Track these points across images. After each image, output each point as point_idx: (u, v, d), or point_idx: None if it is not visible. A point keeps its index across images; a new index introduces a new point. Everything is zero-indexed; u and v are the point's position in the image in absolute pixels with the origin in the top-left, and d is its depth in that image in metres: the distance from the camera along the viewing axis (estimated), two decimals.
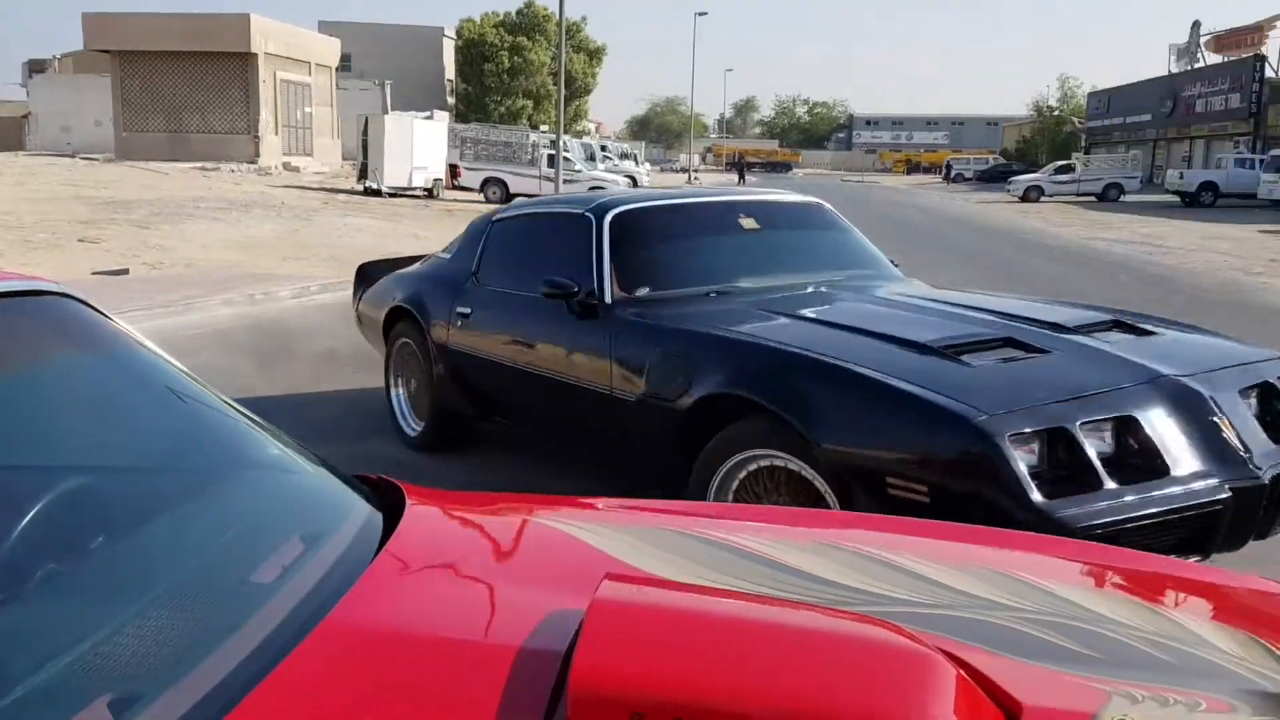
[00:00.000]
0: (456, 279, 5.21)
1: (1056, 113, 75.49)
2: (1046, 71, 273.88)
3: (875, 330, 3.51)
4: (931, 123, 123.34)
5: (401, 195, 26.99)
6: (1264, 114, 46.62)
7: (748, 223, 4.71)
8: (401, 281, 5.78)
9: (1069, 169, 43.16)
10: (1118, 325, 3.75)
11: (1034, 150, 71.85)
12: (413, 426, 5.59)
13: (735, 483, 3.42)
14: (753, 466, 3.37)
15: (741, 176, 60.78)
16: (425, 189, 28.08)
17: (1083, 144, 64.63)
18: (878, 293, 4.33)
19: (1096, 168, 43.90)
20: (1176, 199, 36.58)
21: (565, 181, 27.15)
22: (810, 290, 4.32)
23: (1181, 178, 38.09)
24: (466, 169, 29.90)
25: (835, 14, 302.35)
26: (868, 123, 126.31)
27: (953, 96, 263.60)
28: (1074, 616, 1.32)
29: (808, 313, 3.88)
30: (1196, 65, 55.40)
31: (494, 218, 5.29)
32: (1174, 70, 57.45)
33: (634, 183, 34.94)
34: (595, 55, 57.69)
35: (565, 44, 32.19)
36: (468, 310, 4.96)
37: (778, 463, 3.28)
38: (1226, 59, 51.74)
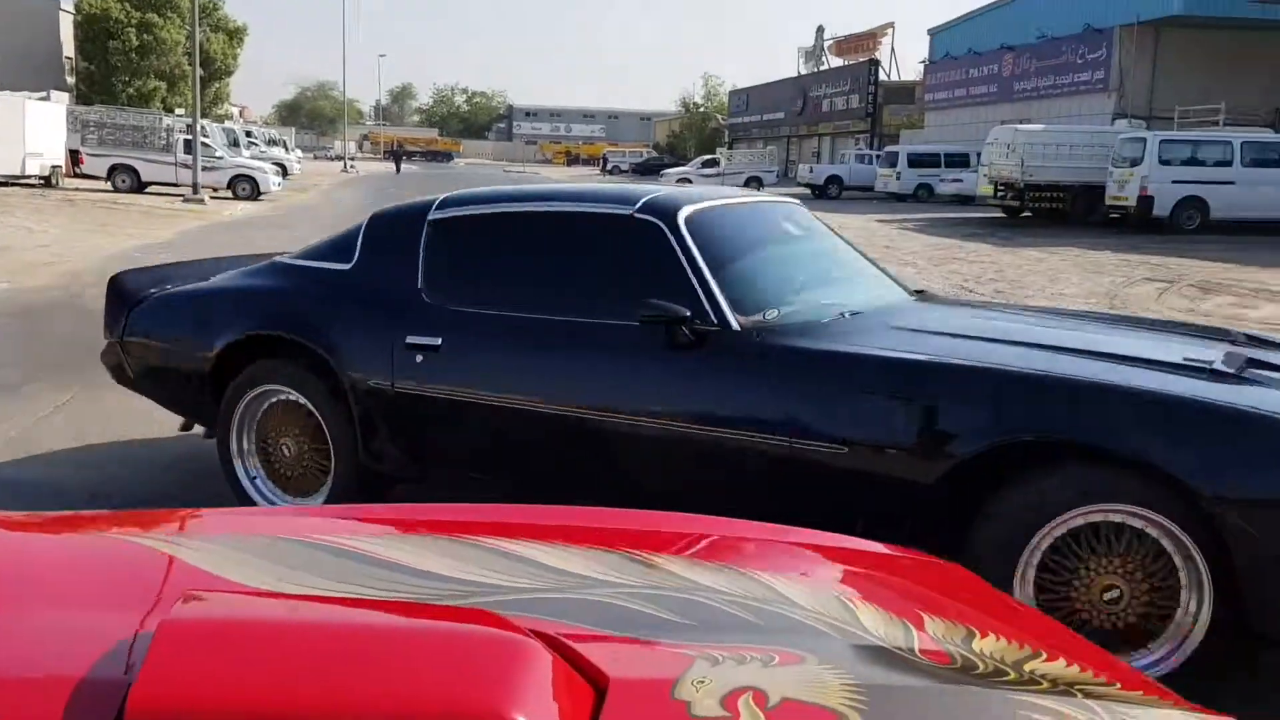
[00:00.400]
0: (387, 297, 3.92)
1: (702, 109, 79.91)
2: (694, 69, 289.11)
3: (1128, 355, 3.17)
4: (588, 115, 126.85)
5: (13, 184, 24.29)
6: (879, 114, 51.66)
7: (793, 228, 4.16)
8: (251, 300, 4.22)
9: (714, 163, 45.88)
10: (1249, 337, 3.81)
11: (684, 144, 75.63)
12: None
13: (1039, 553, 2.90)
14: (1061, 530, 2.88)
15: (398, 165, 60.01)
16: (42, 177, 25.46)
17: (726, 139, 68.84)
18: (991, 307, 4.28)
19: (738, 161, 46.93)
20: (808, 190, 39.78)
21: (205, 169, 25.49)
22: (944, 307, 4.03)
23: (811, 171, 41.60)
24: (90, 155, 27.31)
25: (493, 3, 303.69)
26: (527, 114, 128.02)
27: (608, 91, 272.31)
28: (674, 587, 1.37)
29: (1019, 336, 3.45)
30: (822, 68, 60.51)
31: (430, 215, 4.00)
32: (803, 72, 62.46)
33: (284, 171, 33.41)
34: (235, 35, 54.44)
35: (199, 22, 30.20)
36: (434, 341, 3.74)
37: (1116, 518, 2.83)
38: (847, 62, 56.87)
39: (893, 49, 57.38)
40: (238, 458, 4.19)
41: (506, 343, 3.69)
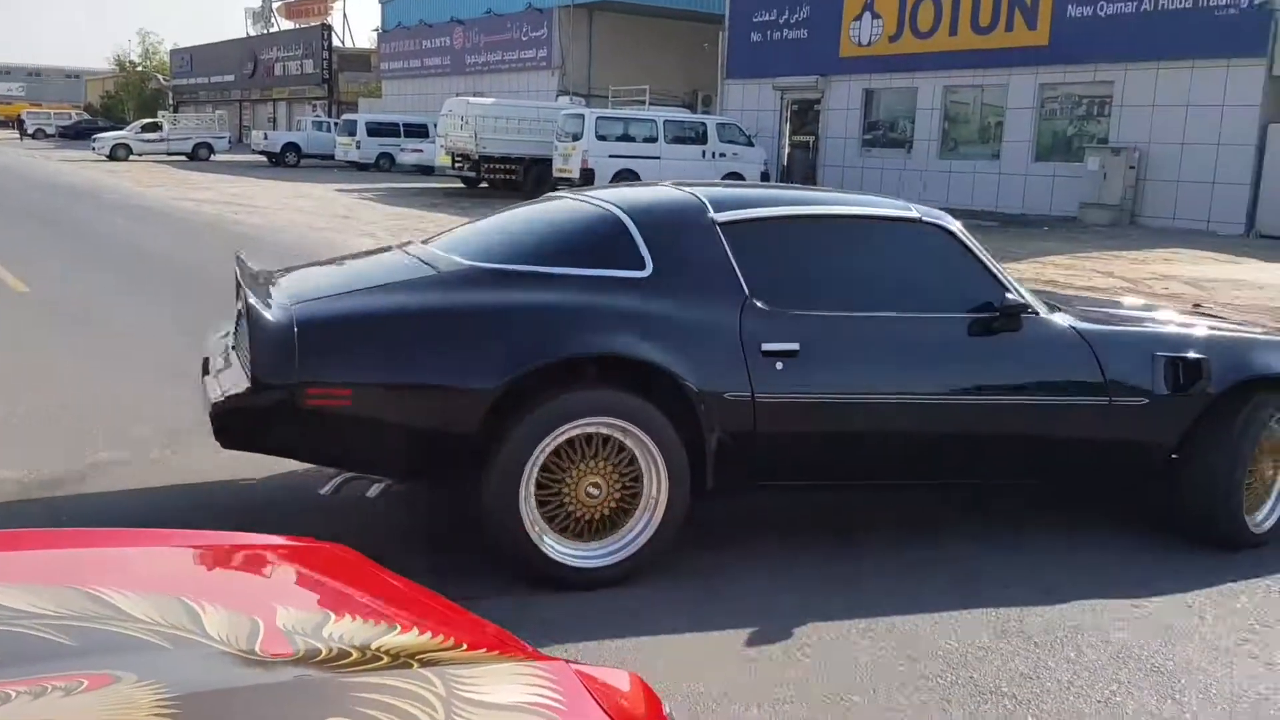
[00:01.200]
0: (721, 306, 3.79)
1: (141, 69, 73.41)
2: (130, 25, 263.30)
3: (1223, 327, 4.72)
4: (5, 72, 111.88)
5: None
6: (335, 80, 50.71)
7: None
8: (537, 319, 3.64)
9: (157, 127, 42.15)
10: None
11: (122, 106, 69.10)
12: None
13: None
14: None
15: None
16: None
17: (170, 101, 63.85)
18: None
19: (185, 126, 43.63)
20: (264, 159, 38.06)
21: None
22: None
23: (266, 139, 39.76)
24: None
25: None
26: None
27: (29, 45, 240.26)
28: None
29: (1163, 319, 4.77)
30: (272, 30, 58.09)
31: (716, 218, 3.96)
32: (252, 33, 59.53)
33: None
34: None
35: None
36: (792, 346, 3.76)
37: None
38: (298, 25, 55.08)
39: (345, 15, 56.68)
40: (529, 519, 3.52)
41: (864, 342, 3.96)
